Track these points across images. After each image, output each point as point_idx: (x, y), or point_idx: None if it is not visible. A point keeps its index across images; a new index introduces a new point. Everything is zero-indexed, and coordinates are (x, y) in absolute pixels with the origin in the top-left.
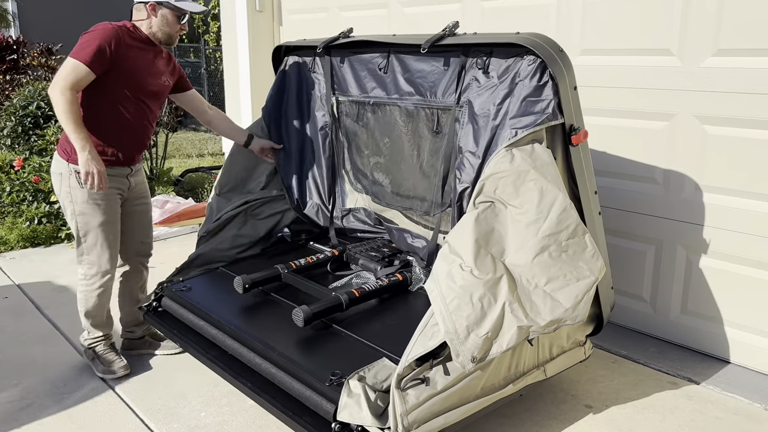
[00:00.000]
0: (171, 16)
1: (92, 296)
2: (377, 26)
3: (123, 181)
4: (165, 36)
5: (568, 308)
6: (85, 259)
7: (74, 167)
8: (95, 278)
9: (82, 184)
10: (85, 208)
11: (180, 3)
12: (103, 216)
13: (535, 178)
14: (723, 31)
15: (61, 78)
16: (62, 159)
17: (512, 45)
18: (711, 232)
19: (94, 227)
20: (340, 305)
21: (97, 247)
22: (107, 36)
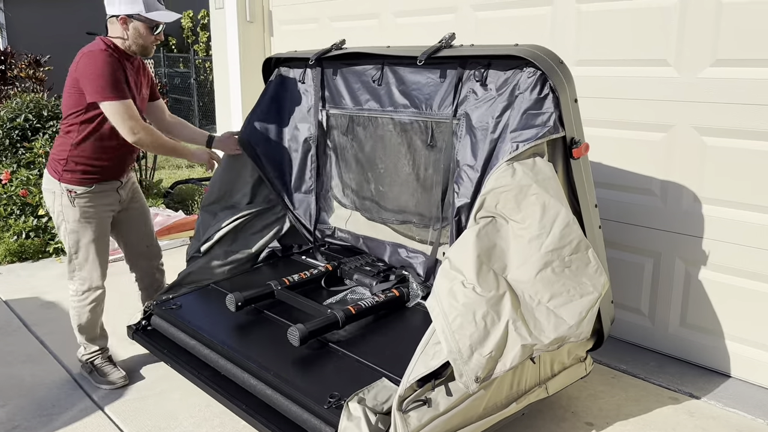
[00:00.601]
0: (143, 28)
1: (84, 311)
2: (369, 37)
3: (113, 195)
4: (139, 48)
5: (572, 325)
6: (77, 275)
7: (66, 186)
8: (87, 294)
9: (74, 203)
10: (76, 225)
11: (151, 14)
12: (94, 233)
13: (537, 192)
14: (721, 41)
15: (125, 125)
16: (53, 178)
17: (511, 57)
18: (710, 244)
19: (85, 244)
20: (336, 323)
21: (88, 263)
22: (108, 62)
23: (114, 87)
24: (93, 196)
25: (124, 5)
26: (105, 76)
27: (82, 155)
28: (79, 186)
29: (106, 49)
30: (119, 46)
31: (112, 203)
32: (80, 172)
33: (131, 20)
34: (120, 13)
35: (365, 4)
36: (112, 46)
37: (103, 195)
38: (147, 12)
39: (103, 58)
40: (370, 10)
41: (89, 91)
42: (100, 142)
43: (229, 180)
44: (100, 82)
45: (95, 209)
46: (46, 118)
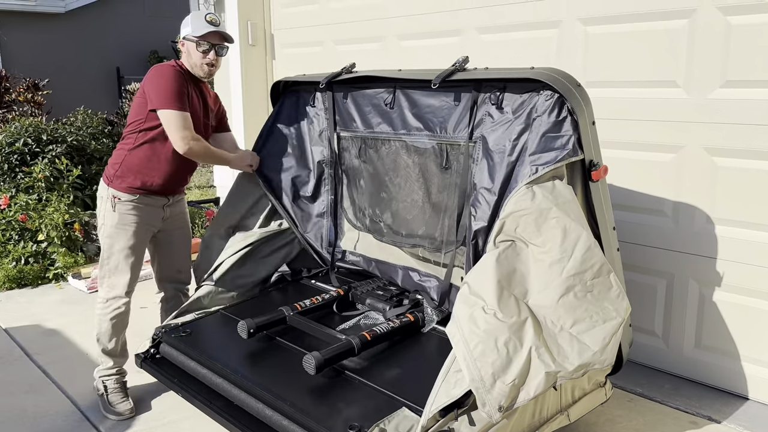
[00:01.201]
0: (192, 47)
1: (105, 320)
2: (373, 60)
3: (157, 211)
4: (193, 68)
5: (596, 351)
6: (106, 281)
7: (112, 191)
8: (111, 302)
9: (114, 209)
10: (112, 231)
11: (195, 32)
12: (128, 242)
13: (557, 215)
14: (730, 62)
15: (178, 134)
16: (104, 184)
17: (527, 80)
18: (724, 265)
19: (117, 251)
20: (352, 350)
21: (117, 271)
22: (174, 76)
23: (174, 97)
24: (135, 206)
25: (182, 29)
26: (168, 85)
27: (134, 163)
28: (124, 193)
29: (175, 66)
30: (185, 68)
31: (153, 219)
32: (130, 180)
33: (184, 42)
34: (180, 39)
35: (369, 27)
36: (181, 65)
37: (147, 208)
38: (193, 32)
39: (170, 71)
40: (375, 33)
41: (151, 98)
42: (153, 152)
43: (239, 203)
44: (162, 91)
45: (134, 219)
46: (45, 142)
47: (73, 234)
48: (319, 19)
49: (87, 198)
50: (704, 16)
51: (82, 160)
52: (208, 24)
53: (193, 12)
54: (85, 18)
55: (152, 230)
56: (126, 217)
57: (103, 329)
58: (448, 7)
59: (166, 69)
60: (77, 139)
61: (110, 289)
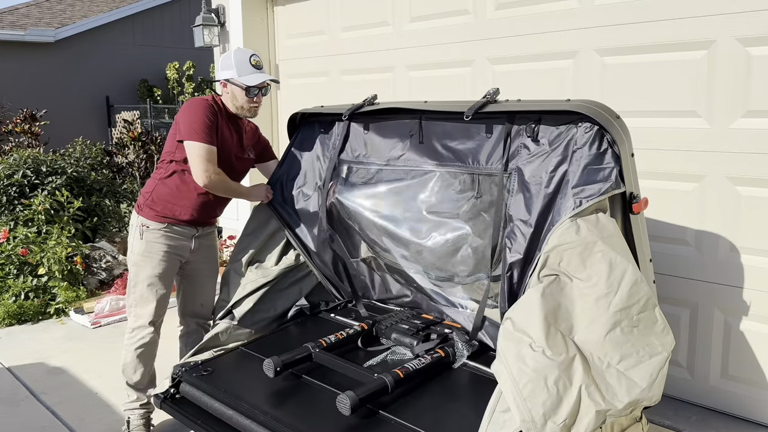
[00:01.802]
0: (237, 90)
1: (130, 350)
2: (382, 90)
3: (185, 241)
4: (238, 110)
5: (644, 388)
6: (132, 311)
7: (141, 219)
8: (136, 332)
9: (142, 236)
10: (139, 259)
11: (242, 78)
12: (153, 270)
13: (602, 249)
14: (752, 92)
15: (200, 166)
16: (135, 212)
17: (563, 112)
18: (750, 294)
19: (143, 279)
20: (385, 388)
21: (142, 300)
22: (206, 110)
23: (201, 130)
24: (163, 235)
25: (222, 71)
26: (197, 119)
27: (164, 192)
28: (153, 221)
29: (209, 100)
30: (223, 104)
31: (181, 249)
32: (159, 208)
33: (228, 84)
34: (221, 78)
35: (378, 57)
36: (216, 101)
37: (175, 237)
38: (239, 76)
39: (202, 105)
40: (384, 63)
41: (180, 129)
42: (183, 183)
43: (256, 235)
44: (190, 123)
45: (161, 247)
46: (45, 174)
47: (75, 267)
48: (325, 50)
49: (87, 230)
50: (723, 48)
51: (82, 192)
52: (255, 69)
53: (234, 51)
54: (74, 47)
55: (179, 260)
56: (153, 245)
57: (128, 360)
58: (459, 39)
59: (198, 102)
60: (77, 171)
61: (136, 318)
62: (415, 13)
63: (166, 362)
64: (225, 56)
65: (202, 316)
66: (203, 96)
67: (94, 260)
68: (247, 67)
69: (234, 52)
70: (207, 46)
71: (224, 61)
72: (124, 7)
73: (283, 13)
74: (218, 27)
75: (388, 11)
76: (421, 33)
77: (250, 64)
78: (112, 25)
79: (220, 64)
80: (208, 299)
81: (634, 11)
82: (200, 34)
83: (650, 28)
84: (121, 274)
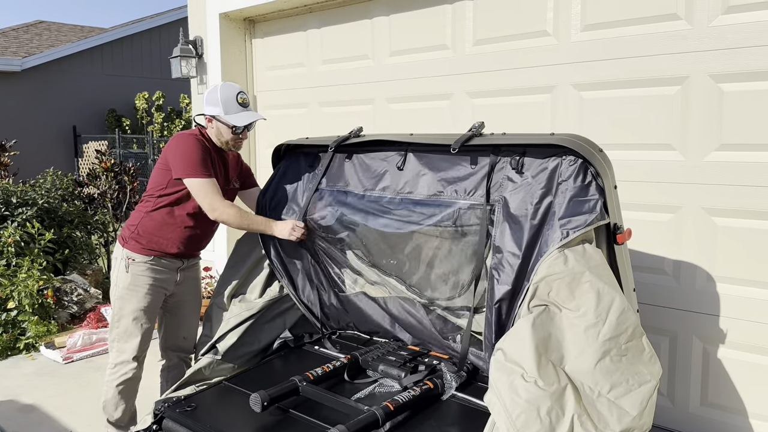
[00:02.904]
0: (223, 128)
1: (111, 386)
2: (362, 122)
3: (171, 274)
4: (222, 144)
5: (635, 416)
6: (115, 345)
7: (127, 252)
8: (119, 367)
9: (128, 270)
10: (124, 293)
11: (229, 116)
12: (139, 303)
13: (590, 279)
14: (724, 127)
15: (210, 202)
16: (119, 245)
17: (548, 145)
18: (727, 322)
19: (128, 312)
20: (376, 422)
21: (126, 334)
22: (198, 145)
23: (199, 165)
24: (149, 268)
25: (208, 107)
26: (191, 155)
27: (151, 225)
28: (138, 254)
29: (198, 135)
30: (208, 137)
31: (166, 282)
32: (145, 242)
33: (214, 120)
34: (206, 113)
35: (358, 90)
36: (202, 134)
37: (161, 270)
38: (225, 115)
39: (192, 140)
40: (363, 96)
41: (175, 167)
42: (170, 216)
43: (237, 270)
44: (186, 160)
45: (147, 281)
46: (15, 205)
47: (45, 301)
48: (304, 82)
49: (58, 262)
50: (696, 83)
51: (53, 224)
52: (242, 107)
53: (221, 88)
54: (41, 76)
55: (164, 293)
56: (138, 278)
57: (110, 396)
58: (438, 73)
59: (188, 138)
60: (48, 202)
61: (119, 353)
62: (395, 48)
63: (146, 397)
64: (211, 92)
65: (184, 349)
66: (190, 130)
67: (66, 293)
68: (233, 105)
69: (220, 89)
70: (184, 77)
71: (210, 97)
72: (92, 37)
73: (261, 45)
74: (196, 58)
75: (368, 45)
76: (400, 67)
77: (237, 102)
78: (81, 55)
79: (205, 99)
80: (190, 332)
81: (608, 48)
82: (177, 65)
83: (625, 64)
84: (93, 308)
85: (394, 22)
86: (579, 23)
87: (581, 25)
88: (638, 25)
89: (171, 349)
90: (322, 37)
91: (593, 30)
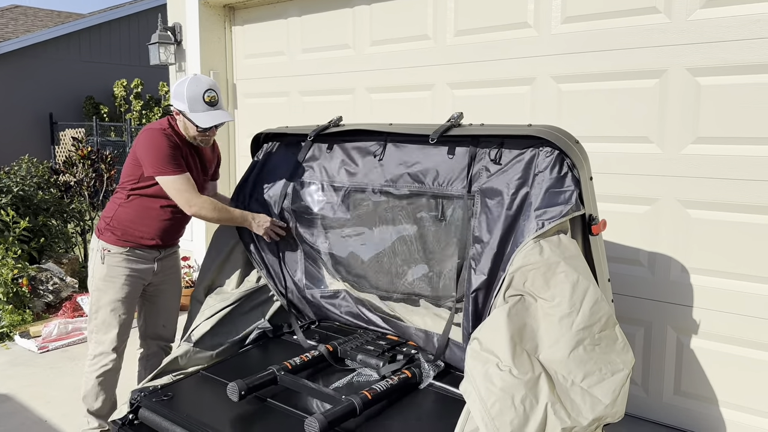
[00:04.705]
0: (188, 124)
1: (91, 378)
2: (342, 112)
3: (148, 264)
4: (190, 139)
5: (607, 404)
6: (93, 337)
7: (102, 243)
8: (98, 359)
9: (103, 261)
10: (101, 284)
11: (193, 115)
12: (116, 294)
13: (565, 270)
14: (701, 120)
15: (186, 199)
16: (95, 236)
17: (526, 136)
18: (700, 313)
19: (106, 304)
20: (354, 410)
21: (104, 326)
22: (166, 141)
23: (170, 162)
24: (125, 258)
25: (175, 100)
26: (161, 151)
27: (126, 217)
28: (114, 246)
29: (166, 129)
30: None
31: (144, 272)
32: (120, 233)
33: (180, 114)
34: (173, 106)
35: (338, 79)
36: (171, 127)
37: (137, 261)
38: (191, 112)
39: (159, 136)
40: (344, 85)
41: (147, 165)
42: (145, 207)
43: (213, 262)
44: (157, 158)
45: (124, 271)
46: None
47: (20, 290)
48: (284, 71)
49: (33, 251)
50: (674, 77)
51: (28, 212)
52: (208, 106)
53: (188, 83)
54: (17, 62)
55: (142, 283)
56: (114, 269)
57: (89, 387)
58: (420, 63)
59: (156, 134)
60: (23, 189)
61: (97, 345)
62: (376, 37)
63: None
64: (178, 85)
65: (163, 337)
66: (159, 123)
67: (41, 282)
68: (199, 103)
69: (188, 85)
70: (163, 64)
71: (177, 90)
72: (70, 23)
73: (241, 32)
74: (174, 45)
75: (349, 34)
76: (381, 56)
77: (203, 101)
78: (57, 41)
79: (173, 91)
80: (170, 320)
81: (588, 41)
82: (156, 52)
83: (605, 56)
84: (69, 297)
85: (375, 12)
86: (560, 15)
87: (562, 17)
88: (618, 18)
89: (150, 337)
90: (302, 26)
91: (574, 22)
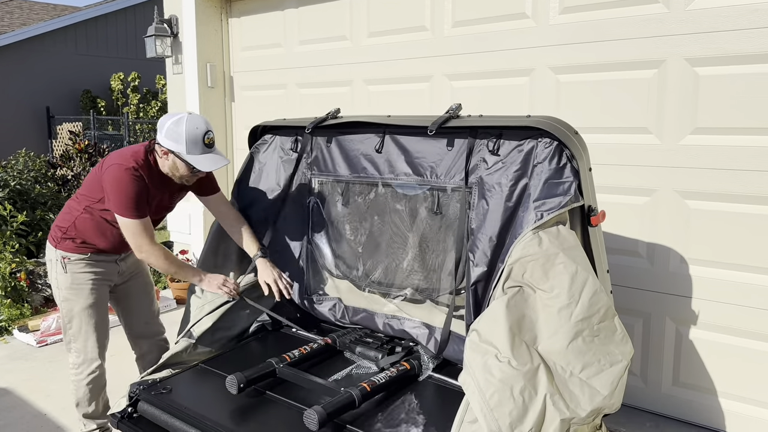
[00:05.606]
0: (181, 165)
1: (81, 386)
2: (340, 104)
3: (111, 266)
4: (175, 178)
5: (606, 395)
6: (73, 346)
7: (61, 253)
8: (83, 367)
9: (66, 269)
10: (68, 293)
11: (190, 157)
12: (86, 300)
13: (564, 261)
14: (700, 110)
15: (137, 244)
16: (51, 246)
17: (524, 127)
18: (699, 303)
19: (78, 312)
20: (353, 402)
21: (82, 333)
22: (133, 185)
23: (132, 206)
24: (87, 264)
25: (168, 140)
26: (125, 194)
27: (84, 227)
28: (74, 253)
29: (136, 167)
30: (155, 163)
31: (108, 274)
32: (80, 241)
33: (171, 154)
34: (163, 146)
35: (336, 71)
36: (141, 163)
37: (100, 264)
38: (187, 154)
39: (127, 178)
40: (342, 77)
41: (109, 201)
42: (103, 225)
43: (211, 256)
44: (119, 199)
45: (88, 276)
46: None
47: (18, 284)
48: (281, 63)
49: (31, 245)
50: (673, 67)
51: (25, 206)
52: (207, 148)
53: (186, 121)
54: (13, 55)
55: (109, 285)
56: (79, 276)
57: (81, 395)
58: (417, 54)
59: (123, 174)
60: (20, 183)
61: (78, 353)
62: (374, 29)
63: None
64: (174, 124)
65: (152, 333)
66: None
67: (39, 276)
68: (199, 146)
69: (186, 124)
70: (159, 56)
71: (173, 130)
72: (66, 16)
73: (238, 24)
74: (171, 38)
75: (346, 26)
76: (379, 48)
77: (203, 143)
78: (54, 34)
79: (165, 130)
80: (150, 315)
81: (586, 31)
82: (152, 44)
83: (602, 47)
84: None
85: (372, 3)
86: (558, 5)
87: (560, 8)
88: (616, 8)
89: (138, 337)
90: (299, 17)
91: (572, 13)
